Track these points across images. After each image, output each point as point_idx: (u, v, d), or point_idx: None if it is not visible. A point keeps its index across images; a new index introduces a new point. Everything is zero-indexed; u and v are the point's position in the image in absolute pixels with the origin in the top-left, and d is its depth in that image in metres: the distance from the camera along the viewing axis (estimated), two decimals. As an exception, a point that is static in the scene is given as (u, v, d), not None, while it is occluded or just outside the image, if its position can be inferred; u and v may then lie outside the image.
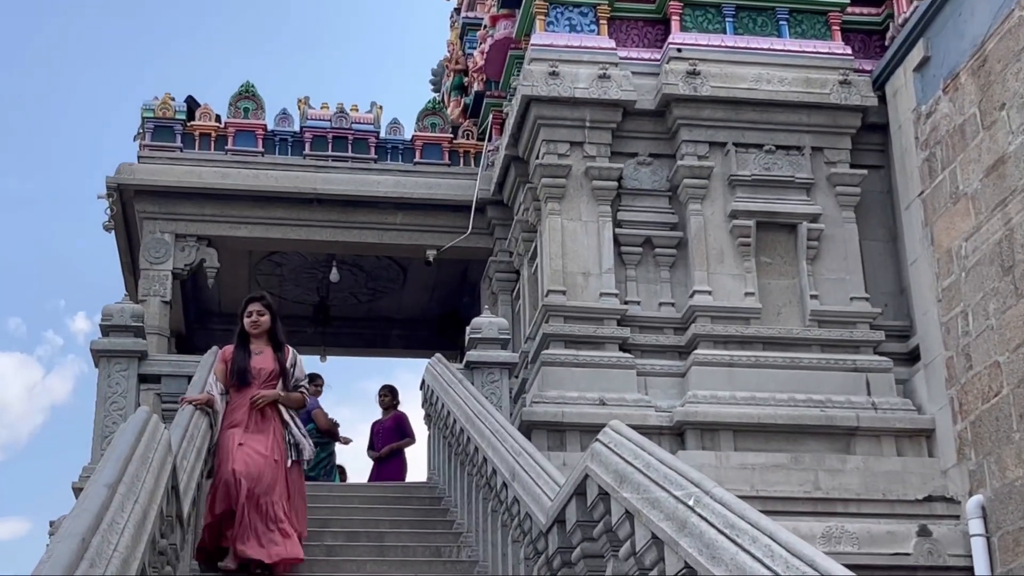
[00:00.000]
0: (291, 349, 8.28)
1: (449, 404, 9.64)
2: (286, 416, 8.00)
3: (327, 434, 12.98)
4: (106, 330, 10.52)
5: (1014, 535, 9.94)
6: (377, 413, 13.42)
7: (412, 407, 13.20)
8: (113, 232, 14.25)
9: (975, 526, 10.30)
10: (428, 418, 11.35)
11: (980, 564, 10.19)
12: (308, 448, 8.12)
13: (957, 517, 10.65)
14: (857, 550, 10.24)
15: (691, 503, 4.22)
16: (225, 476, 7.48)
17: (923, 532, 10.38)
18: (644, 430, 7.36)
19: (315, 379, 13.31)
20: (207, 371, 9.01)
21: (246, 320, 8.13)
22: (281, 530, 7.51)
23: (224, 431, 7.75)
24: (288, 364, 8.11)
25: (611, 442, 5.26)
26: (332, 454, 13.27)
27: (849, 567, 3.46)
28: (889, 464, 11.14)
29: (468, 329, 11.16)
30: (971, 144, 10.91)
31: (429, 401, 10.96)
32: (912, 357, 11.83)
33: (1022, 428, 9.93)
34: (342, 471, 13.94)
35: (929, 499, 10.91)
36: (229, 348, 8.15)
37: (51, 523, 10.67)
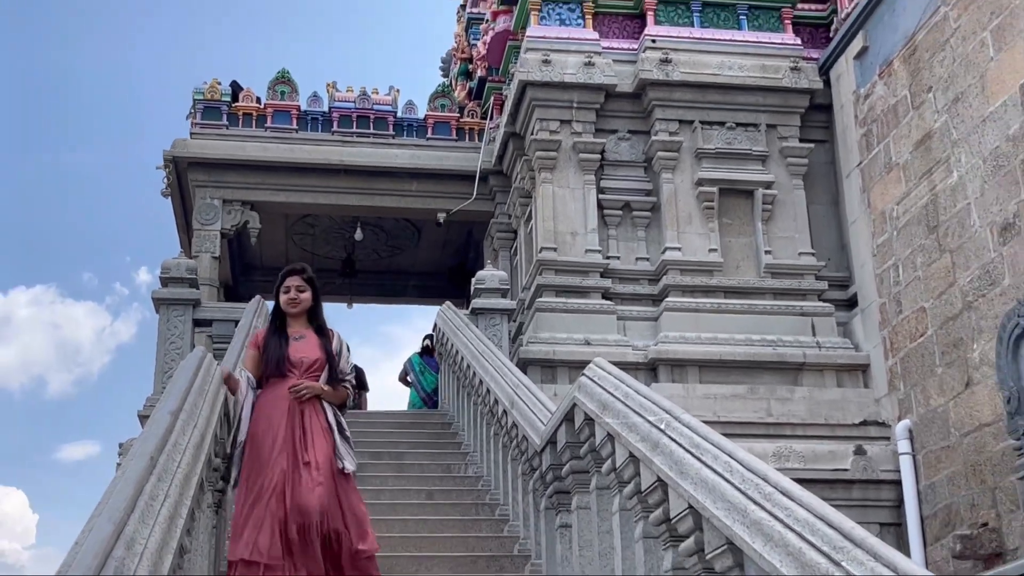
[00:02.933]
0: (336, 333, 5.76)
1: (458, 344, 9.69)
2: (330, 417, 5.46)
3: None
4: (165, 281, 10.56)
5: (935, 454, 10.03)
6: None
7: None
8: (170, 198, 14.26)
9: (903, 446, 10.37)
10: (440, 356, 11.40)
11: (907, 478, 10.27)
12: (351, 460, 5.45)
13: (888, 439, 10.72)
14: (803, 466, 10.30)
15: (663, 427, 4.23)
16: (270, 520, 5.03)
17: (859, 451, 10.44)
18: (623, 366, 7.39)
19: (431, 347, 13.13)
20: (251, 317, 8.99)
21: (283, 297, 5.65)
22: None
23: (254, 439, 5.27)
24: (334, 351, 5.66)
25: (595, 376, 5.28)
26: None
27: (796, 480, 3.50)
28: (831, 394, 11.19)
29: (473, 280, 11.19)
30: (902, 122, 10.89)
31: (440, 342, 11.02)
32: (851, 303, 11.87)
33: (943, 363, 9.99)
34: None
35: (864, 423, 10.98)
36: (261, 332, 5.75)
37: (120, 445, 10.67)
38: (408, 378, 13.32)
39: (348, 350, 5.79)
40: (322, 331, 5.67)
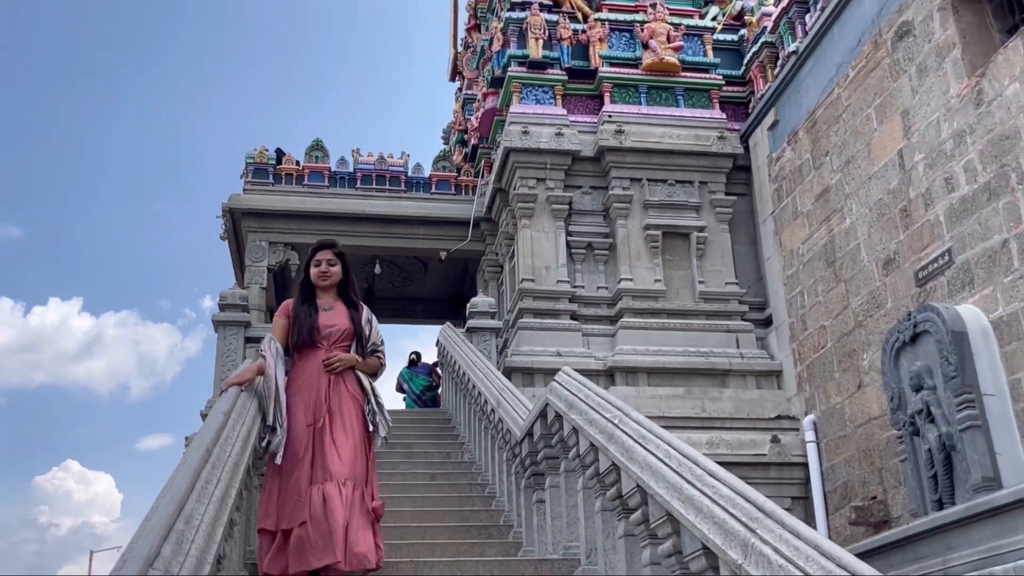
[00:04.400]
0: (366, 307, 4.90)
1: (456, 356, 9.65)
2: (365, 383, 4.64)
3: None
4: (223, 307, 10.52)
5: (835, 441, 10.03)
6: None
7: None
8: (227, 241, 14.21)
9: (809, 435, 10.38)
10: (441, 366, 11.35)
11: (812, 461, 10.27)
12: (384, 426, 4.63)
13: (797, 430, 10.73)
14: (730, 452, 10.30)
15: (616, 422, 4.23)
16: (300, 494, 4.25)
17: (775, 440, 10.45)
18: (586, 373, 7.39)
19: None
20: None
21: (314, 270, 4.84)
22: (372, 527, 4.37)
23: (288, 409, 4.45)
24: (363, 322, 4.79)
25: (563, 381, 5.26)
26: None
27: (724, 464, 3.49)
28: (751, 394, 11.20)
29: (468, 305, 11.18)
30: (806, 179, 10.96)
31: (442, 355, 10.96)
32: (767, 322, 11.89)
33: (840, 370, 10.01)
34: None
35: (778, 418, 10.98)
36: (290, 302, 4.80)
37: (186, 438, 10.59)
38: (404, 387, 13.50)
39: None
40: (351, 304, 4.79)
